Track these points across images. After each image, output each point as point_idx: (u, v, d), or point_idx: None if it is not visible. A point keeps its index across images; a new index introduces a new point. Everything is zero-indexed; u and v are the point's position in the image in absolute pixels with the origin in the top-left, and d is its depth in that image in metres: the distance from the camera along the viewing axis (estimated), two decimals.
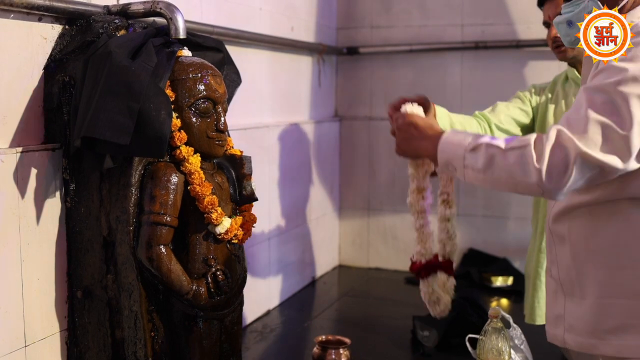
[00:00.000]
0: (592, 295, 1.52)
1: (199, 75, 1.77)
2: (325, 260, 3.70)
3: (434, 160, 1.59)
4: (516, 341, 2.23)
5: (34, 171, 1.72)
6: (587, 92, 1.40)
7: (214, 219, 1.75)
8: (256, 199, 1.87)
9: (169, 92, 1.73)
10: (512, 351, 2.19)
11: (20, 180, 1.69)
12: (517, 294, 3.19)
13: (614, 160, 1.35)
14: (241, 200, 1.86)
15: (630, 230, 1.48)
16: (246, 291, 1.92)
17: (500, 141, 1.48)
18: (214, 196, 1.75)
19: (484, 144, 1.49)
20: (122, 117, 1.60)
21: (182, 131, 1.74)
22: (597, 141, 1.35)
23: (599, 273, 1.51)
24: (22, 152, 1.69)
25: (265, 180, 2.95)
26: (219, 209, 1.75)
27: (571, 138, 1.36)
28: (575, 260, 1.56)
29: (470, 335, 2.32)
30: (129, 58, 1.66)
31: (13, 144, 1.70)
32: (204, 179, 1.74)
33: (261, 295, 2.94)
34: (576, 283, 1.55)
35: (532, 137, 1.43)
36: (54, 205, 1.78)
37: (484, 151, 1.48)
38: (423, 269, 1.81)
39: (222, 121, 1.80)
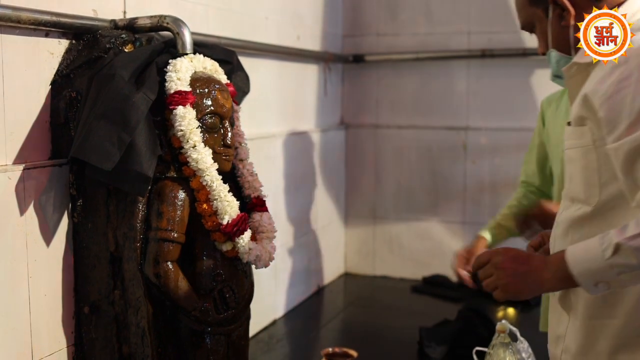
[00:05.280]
0: (582, 316, 1.48)
1: (206, 90, 1.77)
2: (331, 269, 3.69)
3: (563, 287, 1.44)
4: (523, 354, 2.22)
5: (40, 187, 1.72)
6: None
7: (218, 238, 1.74)
8: None
9: None
10: None
11: (27, 196, 1.68)
12: (523, 303, 3.17)
13: None
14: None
15: None
16: (252, 301, 1.92)
17: (633, 227, 1.30)
18: None
19: (620, 241, 1.31)
20: (110, 145, 1.60)
21: None
22: None
23: (587, 294, 1.43)
24: (29, 168, 1.68)
25: (271, 189, 2.94)
26: None
27: None
28: None
29: (477, 348, 2.32)
30: (132, 80, 1.66)
31: (20, 160, 1.69)
32: (210, 197, 1.73)
33: (267, 305, 2.94)
34: (573, 303, 1.51)
35: None
36: (61, 221, 1.78)
37: (627, 247, 1.29)
38: None
39: (229, 136, 1.80)
